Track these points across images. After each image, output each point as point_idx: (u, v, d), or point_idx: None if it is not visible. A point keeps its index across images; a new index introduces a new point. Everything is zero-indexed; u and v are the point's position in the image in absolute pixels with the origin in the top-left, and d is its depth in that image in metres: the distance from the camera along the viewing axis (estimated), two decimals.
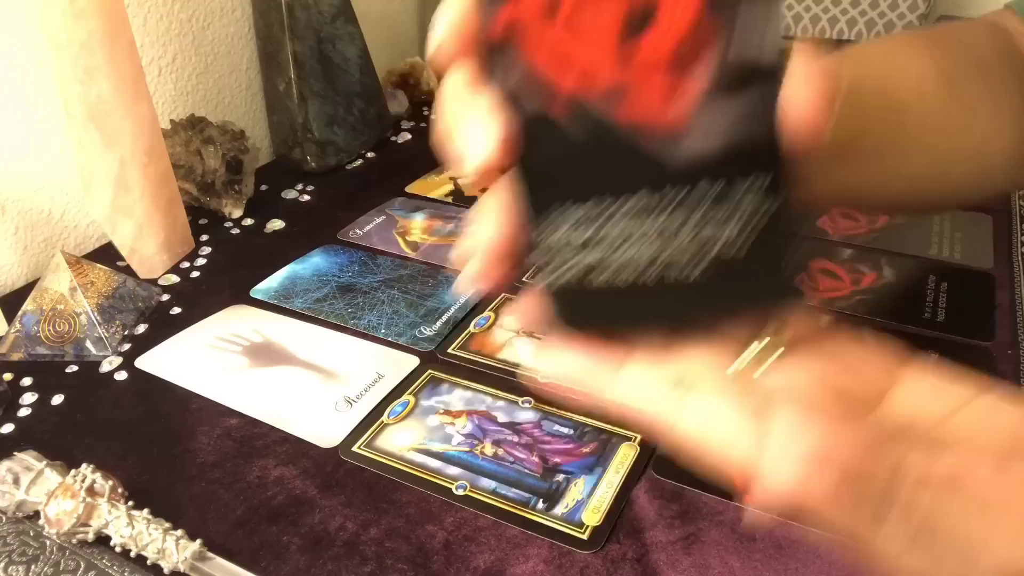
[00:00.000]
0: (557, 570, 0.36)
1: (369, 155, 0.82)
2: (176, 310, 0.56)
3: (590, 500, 0.39)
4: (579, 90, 0.21)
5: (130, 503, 0.38)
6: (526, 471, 0.41)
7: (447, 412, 0.45)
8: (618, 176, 0.22)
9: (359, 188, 0.75)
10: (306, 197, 0.74)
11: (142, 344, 0.53)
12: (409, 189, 0.73)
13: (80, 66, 0.53)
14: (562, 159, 0.22)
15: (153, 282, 0.60)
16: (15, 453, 0.39)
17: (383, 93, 0.84)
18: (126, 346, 0.53)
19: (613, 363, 0.24)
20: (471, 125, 0.22)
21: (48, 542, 0.38)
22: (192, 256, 0.64)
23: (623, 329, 0.25)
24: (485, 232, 0.24)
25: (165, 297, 0.58)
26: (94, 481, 0.38)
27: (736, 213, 0.22)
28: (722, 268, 0.23)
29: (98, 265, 0.54)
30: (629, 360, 0.24)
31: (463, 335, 0.52)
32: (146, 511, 0.37)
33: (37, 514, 0.38)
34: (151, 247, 0.60)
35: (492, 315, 0.54)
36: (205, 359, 0.51)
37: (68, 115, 0.55)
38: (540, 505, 0.39)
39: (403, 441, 0.43)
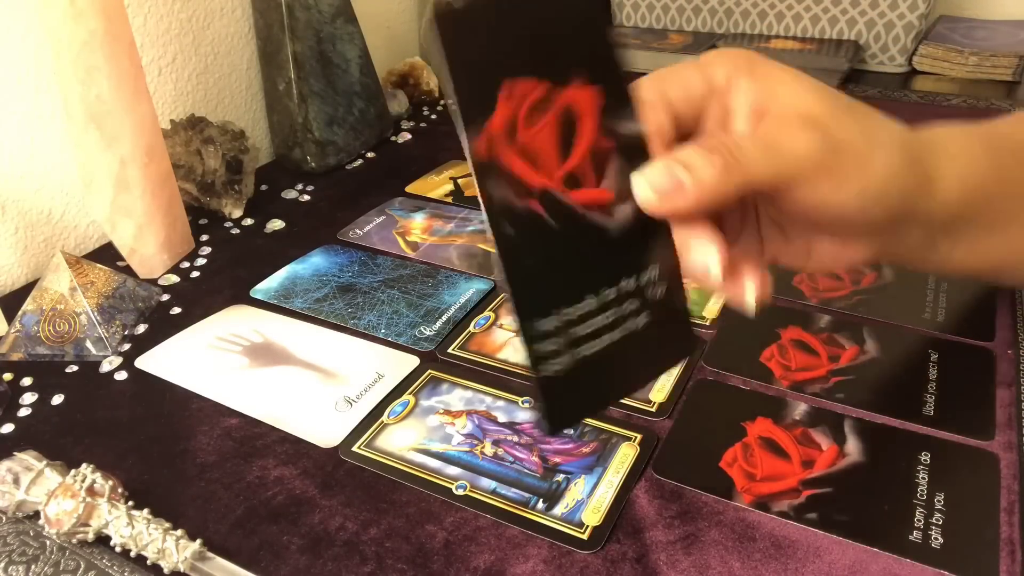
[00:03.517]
0: (557, 570, 0.36)
1: (369, 155, 0.82)
2: (176, 310, 0.57)
3: (590, 500, 0.39)
4: (544, 184, 0.28)
5: (130, 503, 0.38)
6: (526, 471, 0.41)
7: (447, 412, 0.45)
8: (587, 260, 0.29)
9: (359, 188, 0.75)
10: (306, 197, 0.74)
11: (142, 344, 0.53)
12: (409, 189, 0.73)
13: (80, 66, 0.53)
14: (545, 252, 0.29)
15: (153, 282, 0.60)
16: (15, 453, 0.39)
17: (383, 93, 0.84)
18: (126, 346, 0.53)
19: None
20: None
21: (48, 542, 0.38)
22: (192, 256, 0.64)
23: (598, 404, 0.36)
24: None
25: (165, 297, 0.58)
26: (94, 481, 0.38)
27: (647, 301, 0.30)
28: (645, 340, 0.31)
29: (98, 265, 0.54)
30: None
31: (463, 335, 0.52)
32: (146, 511, 0.37)
33: (37, 514, 0.38)
34: (151, 247, 0.60)
35: (492, 315, 0.54)
36: (205, 359, 0.51)
37: (68, 115, 0.55)
38: (540, 505, 0.39)
39: (403, 441, 0.43)
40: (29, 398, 0.48)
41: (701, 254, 0.30)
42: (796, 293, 0.54)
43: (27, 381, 0.49)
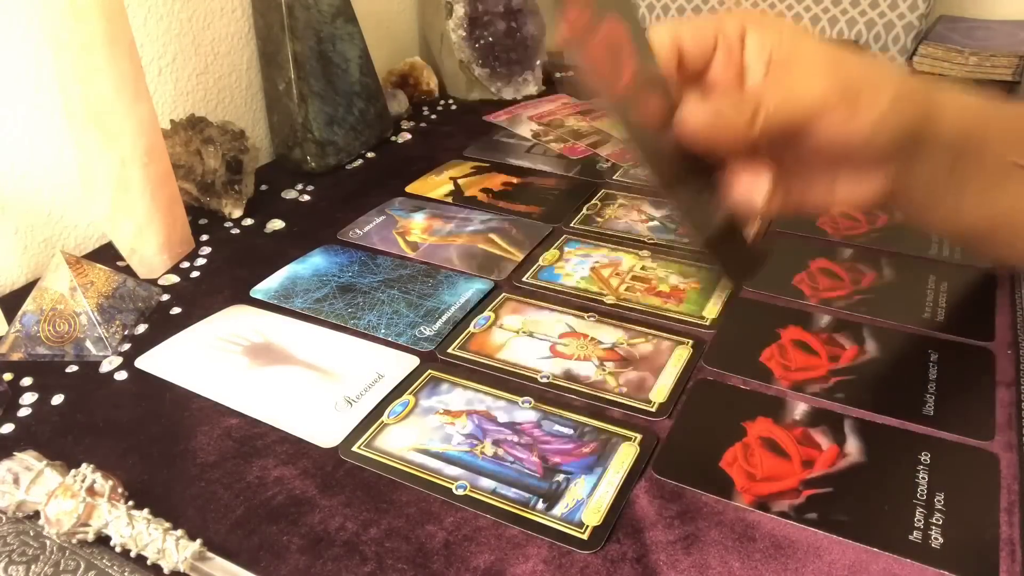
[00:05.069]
0: (557, 570, 0.36)
1: (369, 155, 0.82)
2: (176, 310, 0.57)
3: (590, 500, 0.39)
4: (613, 92, 0.32)
5: (130, 503, 0.38)
6: (526, 471, 0.41)
7: (447, 412, 0.45)
8: (676, 160, 0.34)
9: (359, 188, 0.75)
10: (306, 197, 0.74)
11: (142, 344, 0.53)
12: (409, 189, 0.73)
13: (80, 67, 0.53)
14: (654, 144, 0.34)
15: (153, 282, 0.60)
16: (15, 453, 0.39)
17: (383, 93, 0.84)
18: (126, 346, 0.53)
19: None
20: None
21: (48, 542, 0.38)
22: (192, 256, 0.64)
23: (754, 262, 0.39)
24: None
25: (165, 297, 0.58)
26: (94, 481, 0.38)
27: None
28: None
29: (98, 265, 0.54)
30: None
31: (463, 335, 0.52)
32: (146, 511, 0.37)
33: (37, 514, 0.38)
34: (151, 247, 0.60)
35: (492, 315, 0.54)
36: (205, 359, 0.51)
37: (68, 115, 0.55)
38: (540, 505, 0.39)
39: (403, 441, 0.43)
40: (29, 398, 0.48)
41: (747, 184, 0.34)
42: (796, 293, 0.54)
43: (27, 381, 0.49)
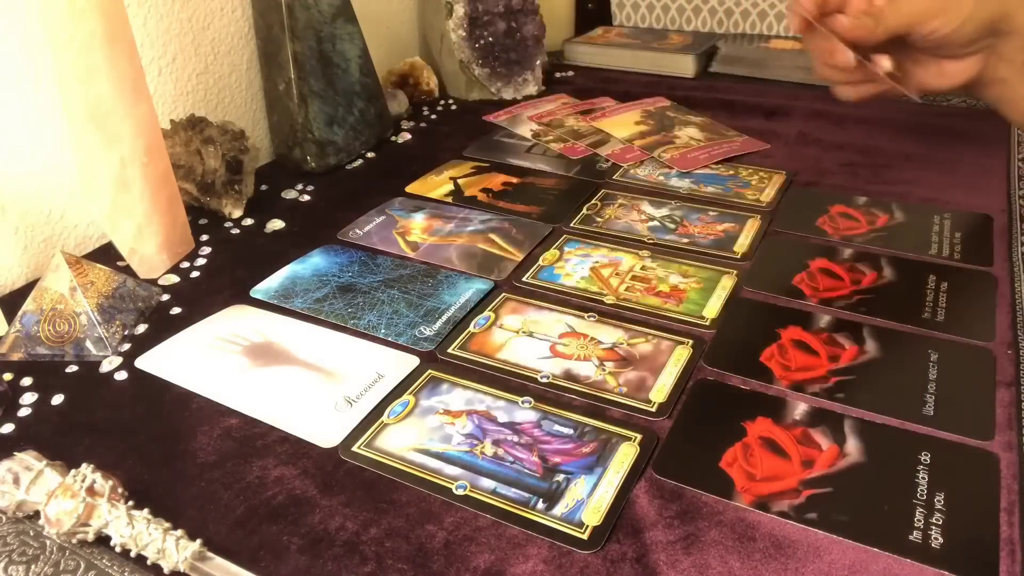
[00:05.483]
0: (557, 570, 0.36)
1: (369, 155, 0.82)
2: (176, 310, 0.57)
3: (590, 500, 0.39)
4: None
5: (130, 503, 0.38)
6: (526, 471, 0.41)
7: (447, 412, 0.45)
8: None
9: (359, 188, 0.75)
10: (306, 197, 0.74)
11: (142, 344, 0.53)
12: (409, 189, 0.73)
13: (80, 66, 0.53)
14: None
15: (153, 282, 0.60)
16: (15, 453, 0.39)
17: (383, 93, 0.84)
18: (126, 346, 0.53)
19: None
20: None
21: (48, 542, 0.38)
22: (192, 256, 0.64)
23: None
24: None
25: (165, 297, 0.58)
26: (94, 481, 0.38)
27: None
28: None
29: (98, 265, 0.54)
30: None
31: (463, 335, 0.52)
32: (146, 511, 0.37)
33: (37, 514, 0.38)
34: (151, 247, 0.60)
35: (492, 315, 0.54)
36: (205, 359, 0.51)
37: (68, 115, 0.55)
38: (540, 505, 0.39)
39: (403, 441, 0.43)
40: (29, 398, 0.48)
41: (879, 60, 0.54)
42: (796, 293, 0.54)
43: (27, 381, 0.49)
